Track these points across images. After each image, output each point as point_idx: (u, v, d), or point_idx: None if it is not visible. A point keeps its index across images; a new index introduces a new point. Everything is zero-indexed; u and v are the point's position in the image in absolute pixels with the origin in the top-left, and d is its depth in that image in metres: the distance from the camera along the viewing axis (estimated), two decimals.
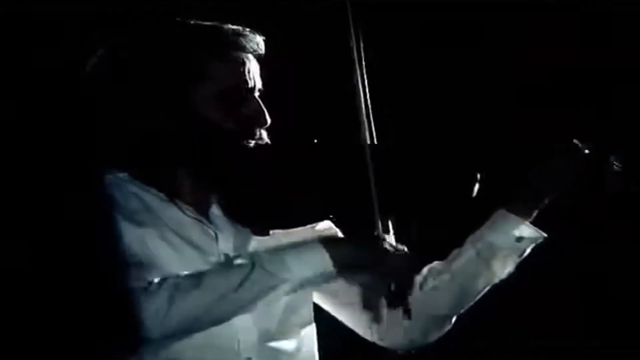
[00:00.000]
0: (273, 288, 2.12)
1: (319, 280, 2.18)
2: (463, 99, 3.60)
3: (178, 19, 2.22)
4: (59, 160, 2.24)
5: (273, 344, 2.22)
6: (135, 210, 2.18)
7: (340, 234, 2.39)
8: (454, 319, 2.37)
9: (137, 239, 2.15)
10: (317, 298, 2.36)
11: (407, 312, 2.18)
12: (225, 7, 2.58)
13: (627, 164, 2.25)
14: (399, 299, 2.18)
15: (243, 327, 2.18)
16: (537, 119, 3.50)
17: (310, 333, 2.30)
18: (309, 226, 2.29)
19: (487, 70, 3.62)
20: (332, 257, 2.15)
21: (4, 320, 2.07)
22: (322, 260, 2.14)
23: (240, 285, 2.10)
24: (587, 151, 2.25)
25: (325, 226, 2.36)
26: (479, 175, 2.22)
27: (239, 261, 2.17)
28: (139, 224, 2.17)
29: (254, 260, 2.13)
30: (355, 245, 2.19)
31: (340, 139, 2.22)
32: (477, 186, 2.24)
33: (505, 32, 3.64)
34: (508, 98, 3.62)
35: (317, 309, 2.37)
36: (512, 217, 2.31)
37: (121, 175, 2.21)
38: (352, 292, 2.34)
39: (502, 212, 2.32)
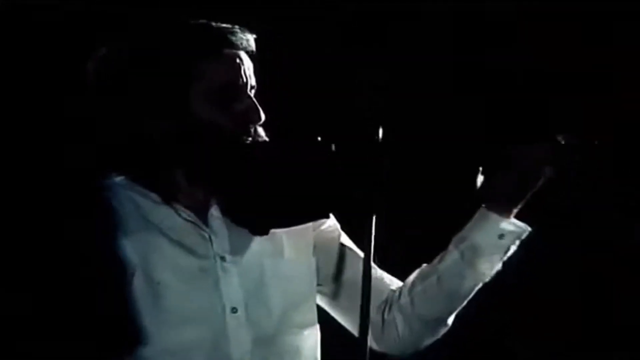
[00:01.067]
0: None
1: None
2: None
3: (168, 20, 2.22)
4: (56, 163, 2.24)
5: (270, 346, 2.21)
6: (128, 216, 2.17)
7: (344, 235, 2.40)
8: (450, 321, 2.36)
9: (130, 244, 2.14)
10: (320, 300, 2.36)
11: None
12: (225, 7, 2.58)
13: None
14: None
15: (236, 327, 2.18)
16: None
17: (312, 335, 2.29)
18: (310, 224, 2.30)
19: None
20: None
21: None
22: None
23: None
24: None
25: (330, 225, 2.38)
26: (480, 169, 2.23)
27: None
28: (131, 229, 2.16)
29: None
30: None
31: (343, 136, 2.21)
32: (479, 179, 2.24)
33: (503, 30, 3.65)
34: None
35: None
36: (492, 214, 2.28)
37: (118, 179, 2.21)
38: (352, 296, 2.32)
39: (482, 210, 2.30)
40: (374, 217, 2.10)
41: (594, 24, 3.60)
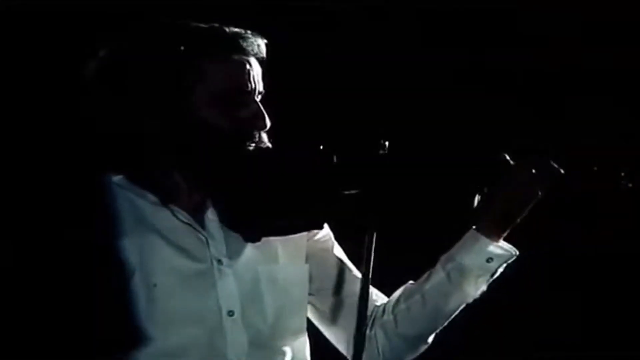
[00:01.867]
0: None
1: None
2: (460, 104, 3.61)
3: (178, 21, 2.21)
4: (56, 162, 2.24)
5: (265, 349, 2.21)
6: (124, 216, 2.17)
7: (337, 247, 2.39)
8: (430, 340, 2.35)
9: (127, 245, 2.14)
10: (309, 312, 2.35)
11: None
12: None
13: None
14: None
15: (232, 329, 2.18)
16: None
17: (303, 342, 2.29)
18: (305, 233, 2.29)
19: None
20: None
21: None
22: None
23: None
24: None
25: (324, 235, 2.37)
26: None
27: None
28: (129, 230, 2.15)
29: None
30: None
31: (344, 146, 2.20)
32: (477, 199, 2.24)
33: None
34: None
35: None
36: (482, 237, 2.27)
37: (116, 179, 2.20)
38: (339, 310, 2.33)
39: (472, 232, 2.28)
40: (374, 236, 2.09)
41: (594, 25, 3.61)
